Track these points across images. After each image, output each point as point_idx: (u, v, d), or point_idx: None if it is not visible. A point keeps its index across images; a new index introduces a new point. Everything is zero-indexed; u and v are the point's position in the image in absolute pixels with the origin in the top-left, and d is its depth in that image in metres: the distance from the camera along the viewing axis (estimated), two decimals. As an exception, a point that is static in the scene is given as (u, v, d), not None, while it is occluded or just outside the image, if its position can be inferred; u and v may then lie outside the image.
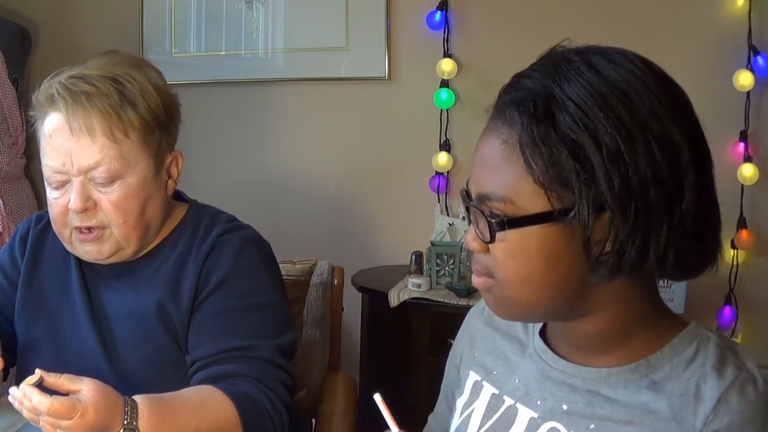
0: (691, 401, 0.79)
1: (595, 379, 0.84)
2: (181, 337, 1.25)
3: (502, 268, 0.81)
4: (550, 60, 0.80)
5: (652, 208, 0.74)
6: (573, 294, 0.81)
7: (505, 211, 0.78)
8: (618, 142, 0.73)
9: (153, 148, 1.24)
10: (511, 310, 0.85)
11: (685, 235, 0.76)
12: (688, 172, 0.75)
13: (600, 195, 0.74)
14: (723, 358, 0.80)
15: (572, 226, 0.76)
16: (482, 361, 0.98)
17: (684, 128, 0.77)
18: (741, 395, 0.77)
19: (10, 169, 2.64)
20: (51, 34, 2.97)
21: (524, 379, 0.90)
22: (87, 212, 1.20)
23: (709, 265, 0.82)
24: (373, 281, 2.42)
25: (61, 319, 1.29)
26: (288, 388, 1.22)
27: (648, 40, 2.46)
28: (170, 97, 1.29)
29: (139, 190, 1.22)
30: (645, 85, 0.77)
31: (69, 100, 1.19)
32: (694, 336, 0.83)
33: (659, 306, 0.86)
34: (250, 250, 1.29)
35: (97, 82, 1.20)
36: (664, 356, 0.82)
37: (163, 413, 1.07)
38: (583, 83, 0.76)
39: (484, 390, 0.95)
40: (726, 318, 2.45)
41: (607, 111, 0.74)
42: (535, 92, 0.77)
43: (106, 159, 1.18)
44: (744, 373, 0.79)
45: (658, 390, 0.81)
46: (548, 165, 0.75)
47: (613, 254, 0.76)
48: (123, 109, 1.20)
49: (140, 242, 1.26)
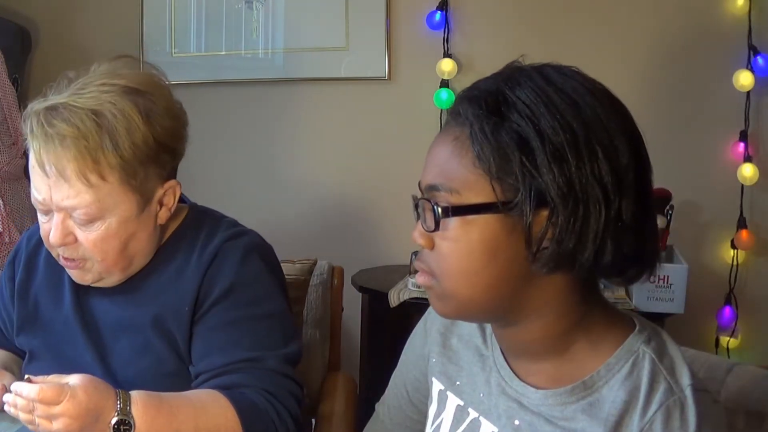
0: (621, 429, 0.80)
1: (535, 400, 0.86)
2: (182, 349, 1.22)
3: (445, 261, 0.83)
4: (505, 70, 0.84)
5: (590, 200, 0.77)
6: (512, 291, 0.82)
7: (451, 201, 0.81)
8: (561, 138, 0.77)
9: (136, 186, 1.17)
10: (451, 306, 0.87)
11: (623, 230, 0.78)
12: (628, 173, 0.78)
13: (542, 186, 0.77)
14: (655, 379, 0.81)
15: (514, 219, 0.79)
16: (444, 369, 0.99)
17: (625, 135, 0.80)
18: (665, 425, 0.79)
19: (10, 169, 2.64)
20: (51, 34, 2.97)
21: (487, 393, 0.92)
22: (67, 246, 1.17)
23: (647, 269, 0.83)
24: (373, 281, 2.42)
25: (56, 332, 1.28)
26: (297, 398, 1.20)
27: (648, 40, 2.46)
28: (168, 125, 1.20)
29: (119, 229, 1.17)
30: (591, 94, 0.80)
31: (41, 141, 1.13)
32: (631, 353, 0.83)
33: (602, 311, 0.87)
34: (254, 258, 1.26)
35: (76, 119, 1.12)
36: (601, 377, 0.83)
37: (159, 408, 1.06)
38: (533, 86, 0.80)
39: (449, 401, 0.97)
40: (726, 318, 2.45)
41: (552, 110, 0.78)
42: (487, 91, 0.82)
43: (83, 203, 1.14)
44: (672, 398, 0.79)
45: (593, 415, 0.82)
46: (495, 156, 0.78)
47: (553, 244, 0.78)
48: (102, 150, 1.12)
49: (123, 273, 1.23)
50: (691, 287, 2.12)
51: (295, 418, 1.18)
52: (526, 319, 0.85)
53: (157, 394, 1.09)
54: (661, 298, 2.09)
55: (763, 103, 2.40)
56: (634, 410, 0.80)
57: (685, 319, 2.23)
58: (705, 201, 2.46)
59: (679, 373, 0.81)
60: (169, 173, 1.23)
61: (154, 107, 1.18)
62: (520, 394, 0.88)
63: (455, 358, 0.98)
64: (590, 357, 0.85)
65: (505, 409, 0.89)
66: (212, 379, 1.18)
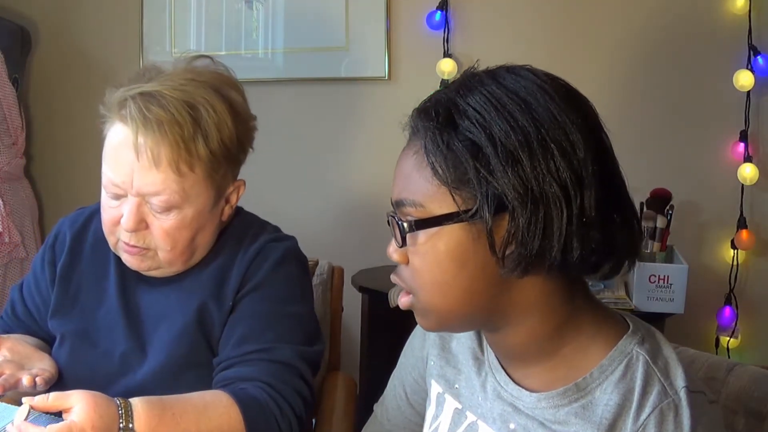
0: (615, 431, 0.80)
1: (530, 404, 0.86)
2: (215, 340, 1.24)
3: (418, 275, 0.83)
4: (460, 78, 0.84)
5: (549, 198, 0.76)
6: (489, 297, 0.82)
7: (416, 215, 0.82)
8: (513, 140, 0.76)
9: (217, 180, 1.21)
10: (433, 320, 0.87)
11: (589, 225, 0.77)
12: (587, 166, 0.77)
13: (498, 190, 0.76)
14: (648, 381, 0.80)
15: (478, 226, 0.78)
16: (442, 372, 0.99)
17: (582, 128, 0.78)
18: (658, 428, 0.78)
19: (10, 169, 2.64)
20: (51, 34, 2.98)
21: (483, 397, 0.92)
22: (137, 233, 1.18)
23: (624, 261, 0.82)
24: (373, 281, 2.42)
25: (96, 319, 1.28)
26: (303, 397, 1.19)
27: (648, 40, 2.46)
28: (246, 125, 1.26)
29: (193, 221, 1.20)
30: (542, 89, 0.80)
31: (140, 124, 1.14)
32: (624, 354, 0.83)
33: (591, 312, 0.86)
34: (291, 262, 1.29)
35: (172, 108, 1.15)
36: (594, 379, 0.83)
37: (161, 416, 1.05)
38: (483, 92, 0.80)
39: (447, 403, 0.97)
40: (726, 318, 2.45)
41: (502, 112, 0.78)
42: (438, 102, 0.82)
43: (167, 190, 1.15)
44: (666, 401, 0.79)
45: (586, 418, 0.82)
46: (451, 166, 0.78)
47: (517, 246, 0.77)
48: (194, 141, 1.15)
49: (184, 265, 1.25)
50: (691, 287, 2.12)
51: (299, 417, 1.17)
52: (511, 324, 0.84)
53: (159, 400, 1.08)
54: (661, 298, 2.09)
55: (763, 103, 2.40)
56: (627, 413, 0.80)
57: (685, 319, 2.23)
58: (705, 201, 2.46)
59: (674, 375, 0.81)
60: (237, 173, 1.28)
61: (238, 107, 1.23)
62: (515, 397, 0.88)
63: (454, 361, 0.98)
64: (582, 359, 0.84)
65: (500, 413, 0.89)
66: (223, 370, 1.19)
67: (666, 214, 2.18)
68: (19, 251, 2.63)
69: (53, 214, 2.97)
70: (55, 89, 3.04)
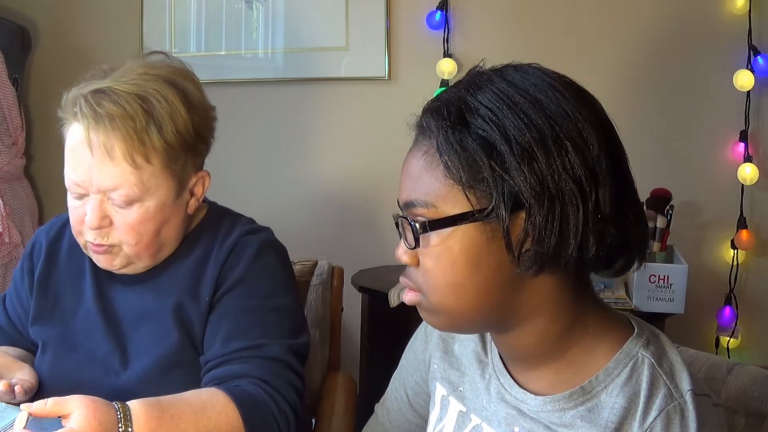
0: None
1: (535, 407, 0.86)
2: (197, 338, 1.24)
3: (430, 276, 0.82)
4: (467, 77, 0.83)
5: (565, 195, 0.75)
6: (502, 298, 0.81)
7: (428, 215, 0.80)
8: (528, 137, 0.76)
9: (176, 171, 1.21)
10: (443, 320, 0.86)
11: (604, 222, 0.77)
12: (601, 163, 0.77)
13: (514, 188, 0.75)
14: (654, 384, 0.80)
15: (492, 225, 0.78)
16: (446, 374, 0.98)
17: (594, 124, 0.78)
18: (665, 431, 0.78)
19: (9, 169, 2.64)
20: (51, 34, 2.97)
21: (488, 400, 0.92)
22: (101, 230, 1.19)
23: (635, 257, 0.82)
24: (373, 281, 2.42)
25: (75, 324, 1.29)
26: (297, 390, 1.20)
27: (648, 40, 2.46)
28: (204, 115, 1.26)
29: (156, 213, 1.20)
30: (552, 87, 0.79)
31: (91, 120, 1.15)
32: (630, 357, 0.83)
33: (597, 311, 0.86)
34: (269, 253, 1.29)
35: (123, 101, 1.16)
36: (599, 382, 0.82)
37: (160, 417, 1.05)
38: (494, 90, 0.79)
39: (452, 406, 0.96)
40: (726, 318, 2.45)
41: (514, 109, 0.77)
42: (449, 101, 0.81)
43: (126, 184, 1.16)
44: (672, 404, 0.79)
45: (592, 421, 0.81)
46: (464, 165, 0.78)
47: (534, 244, 0.77)
48: (147, 133, 1.16)
49: (152, 260, 1.25)
50: (691, 287, 2.12)
51: (295, 410, 1.18)
52: (521, 324, 0.84)
53: (156, 401, 1.07)
54: (661, 298, 2.09)
55: (763, 103, 2.40)
56: (633, 416, 0.79)
57: (685, 319, 2.23)
58: (705, 201, 2.46)
59: (679, 378, 0.81)
60: (200, 163, 1.28)
61: (192, 97, 1.23)
62: (520, 401, 0.87)
63: (457, 364, 0.98)
64: (588, 361, 0.84)
65: (504, 416, 0.88)
66: (214, 368, 1.19)
67: (666, 214, 2.18)
68: (19, 251, 2.63)
69: (53, 214, 2.95)
70: (55, 89, 3.02)
